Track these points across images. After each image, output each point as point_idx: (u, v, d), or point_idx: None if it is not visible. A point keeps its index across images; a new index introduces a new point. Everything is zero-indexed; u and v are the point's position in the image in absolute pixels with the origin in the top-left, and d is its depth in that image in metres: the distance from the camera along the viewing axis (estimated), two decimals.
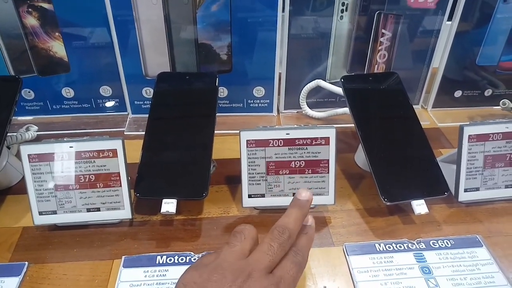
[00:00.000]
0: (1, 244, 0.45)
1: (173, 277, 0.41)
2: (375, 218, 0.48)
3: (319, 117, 0.64)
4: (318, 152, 0.46)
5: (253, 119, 0.63)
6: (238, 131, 0.45)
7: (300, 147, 0.46)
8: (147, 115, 0.51)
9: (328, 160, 0.46)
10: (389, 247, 0.44)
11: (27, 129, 0.57)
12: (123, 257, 0.43)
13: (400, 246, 0.44)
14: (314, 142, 0.45)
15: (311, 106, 0.64)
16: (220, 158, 0.55)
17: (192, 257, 0.43)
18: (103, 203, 0.45)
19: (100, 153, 0.44)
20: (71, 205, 0.44)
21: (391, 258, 0.43)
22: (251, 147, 0.45)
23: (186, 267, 0.40)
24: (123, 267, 0.42)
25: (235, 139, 0.46)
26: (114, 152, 0.44)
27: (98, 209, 0.45)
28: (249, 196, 0.46)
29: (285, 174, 0.46)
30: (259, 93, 0.62)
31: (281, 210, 0.44)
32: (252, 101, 0.63)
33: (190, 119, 0.51)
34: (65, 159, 0.43)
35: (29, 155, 0.43)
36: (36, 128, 0.58)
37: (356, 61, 0.62)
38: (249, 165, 0.46)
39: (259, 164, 0.46)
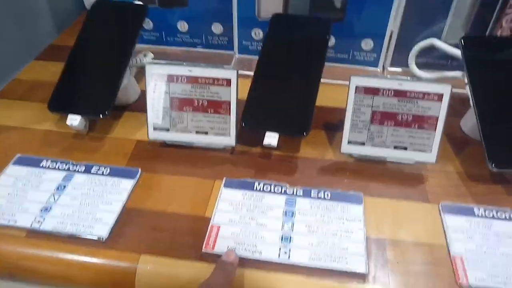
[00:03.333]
0: (118, 152, 0.50)
1: (268, 203, 0.43)
2: (476, 184, 0.46)
3: (426, 78, 0.61)
4: (429, 108, 0.45)
5: (356, 72, 0.62)
6: (340, 81, 0.45)
7: (411, 100, 0.45)
8: (253, 56, 0.53)
9: (438, 117, 0.45)
10: (489, 214, 0.42)
11: (145, 55, 0.61)
12: (224, 178, 0.46)
13: (502, 215, 0.42)
14: (426, 97, 0.44)
15: (418, 66, 0.62)
16: (319, 105, 0.55)
17: (287, 189, 0.45)
18: (211, 128, 0.48)
19: (215, 81, 0.46)
20: (183, 126, 0.48)
21: (490, 224, 0.41)
22: (360, 93, 0.45)
23: (282, 197, 0.42)
24: (224, 186, 0.45)
25: (337, 88, 0.46)
26: (228, 82, 0.46)
27: (206, 133, 0.48)
28: (349, 142, 0.47)
29: (390, 125, 0.46)
30: (367, 46, 0.61)
31: (378, 162, 0.44)
32: (358, 54, 0.62)
33: (300, 61, 0.52)
34: (183, 82, 0.47)
35: (153, 75, 0.47)
36: (152, 55, 0.62)
37: (478, 24, 0.58)
38: (354, 112, 0.46)
39: (364, 112, 0.46)
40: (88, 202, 0.43)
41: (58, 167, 0.47)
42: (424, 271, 0.38)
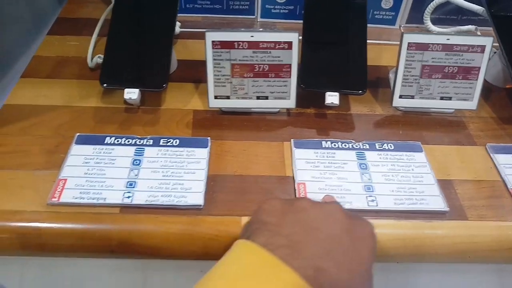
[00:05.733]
0: (179, 121, 0.50)
1: (341, 158, 0.46)
2: (510, 126, 0.52)
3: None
4: (472, 59, 0.49)
5: (376, 31, 0.65)
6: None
7: (456, 53, 0.49)
8: (276, 20, 0.54)
9: (480, 68, 0.49)
10: None
11: None
12: (291, 139, 0.48)
13: None
14: (470, 50, 0.49)
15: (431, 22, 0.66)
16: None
17: (354, 144, 0.48)
18: (272, 92, 0.49)
19: (277, 45, 0.47)
20: (243, 92, 0.49)
21: None
22: (411, 49, 0.49)
23: (351, 152, 0.45)
24: (295, 147, 0.47)
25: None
26: (289, 44, 0.47)
27: (266, 98, 0.49)
28: (400, 96, 0.51)
29: (437, 78, 0.50)
30: (387, 5, 0.64)
31: (423, 113, 0.48)
32: (378, 12, 0.65)
33: (345, 23, 0.54)
34: (244, 47, 0.47)
35: (213, 42, 0.47)
36: (179, 24, 0.61)
37: None
38: (405, 68, 0.49)
39: (415, 67, 0.49)
40: (170, 173, 0.44)
41: (125, 142, 0.47)
42: (490, 204, 0.43)
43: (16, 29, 0.59)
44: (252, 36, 0.47)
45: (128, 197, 0.41)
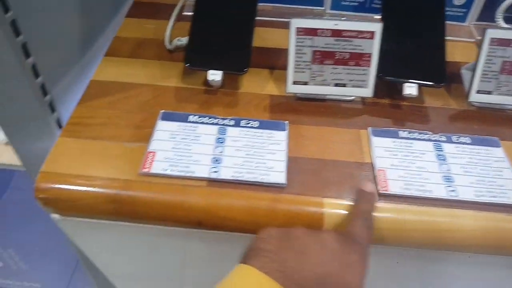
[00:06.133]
0: (257, 105, 0.51)
1: (418, 148, 0.47)
2: None
3: None
4: None
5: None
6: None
7: None
8: (344, 12, 0.57)
9: None
10: None
11: None
12: (368, 128, 0.49)
13: None
14: None
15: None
16: None
17: (431, 135, 0.48)
18: (350, 80, 0.50)
19: (359, 34, 0.48)
20: (322, 79, 0.50)
21: None
22: (493, 45, 0.49)
23: (428, 143, 0.46)
24: (372, 135, 0.48)
25: None
26: (372, 34, 0.48)
27: (344, 85, 0.50)
28: (478, 91, 0.51)
29: None
30: (459, 1, 0.64)
31: (500, 110, 0.48)
32: (449, 9, 0.65)
33: (424, 18, 0.54)
34: (327, 35, 0.48)
35: (297, 28, 0.48)
36: None
37: None
38: (486, 63, 0.49)
39: (495, 62, 0.49)
40: (253, 152, 0.45)
41: (207, 121, 0.48)
42: None
43: (98, 10, 0.62)
44: (336, 25, 0.48)
45: (215, 171, 0.43)
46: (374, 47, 0.49)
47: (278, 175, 0.43)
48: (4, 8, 0.40)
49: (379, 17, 0.57)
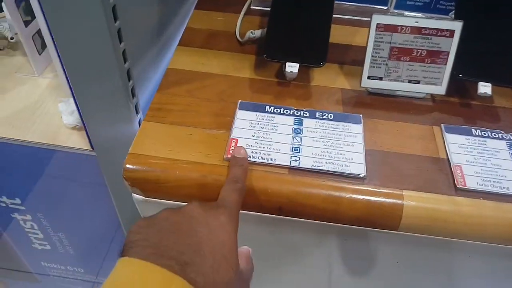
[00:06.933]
0: (329, 98, 0.53)
1: (492, 146, 0.48)
2: None
3: None
4: None
5: None
6: None
7: None
8: (407, 12, 0.59)
9: None
10: None
11: None
12: (442, 124, 0.50)
13: None
14: None
15: None
16: None
17: (504, 134, 0.49)
18: (425, 77, 0.51)
19: (439, 32, 0.49)
20: (397, 75, 0.51)
21: None
22: None
23: (501, 142, 0.46)
24: (446, 132, 0.49)
25: None
26: (451, 33, 0.49)
27: (418, 82, 0.51)
28: None
29: None
30: None
31: None
32: None
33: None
34: (406, 32, 0.49)
35: (377, 24, 0.49)
36: None
37: None
38: None
39: None
40: (330, 143, 0.47)
41: (283, 112, 0.50)
42: None
43: (170, 2, 0.64)
44: (416, 22, 0.49)
45: (295, 160, 0.45)
46: (452, 46, 0.49)
47: (358, 167, 0.44)
48: None
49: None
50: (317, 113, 0.50)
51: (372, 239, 0.47)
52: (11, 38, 0.70)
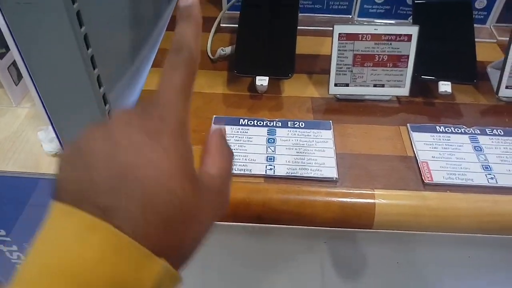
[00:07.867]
0: (300, 107, 0.55)
1: (455, 141, 0.50)
2: None
3: None
4: None
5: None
6: None
7: None
8: (370, 19, 0.62)
9: None
10: None
11: None
12: (407, 124, 0.52)
13: None
14: None
15: None
16: None
17: (466, 129, 0.52)
18: (388, 81, 0.54)
19: (398, 37, 0.52)
20: (362, 80, 0.54)
21: None
22: None
23: (464, 136, 0.49)
24: (412, 131, 0.51)
25: None
26: (409, 37, 0.52)
27: (383, 85, 0.54)
28: (507, 87, 0.54)
29: None
30: (480, 5, 0.68)
31: None
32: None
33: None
34: (367, 39, 0.52)
35: (339, 34, 0.52)
36: None
37: None
38: None
39: None
40: (303, 150, 0.49)
41: (257, 124, 0.52)
42: None
43: (142, 25, 0.66)
44: (375, 29, 0.52)
45: (271, 169, 0.47)
46: (411, 49, 0.52)
47: (330, 170, 0.47)
48: (79, 22, 0.44)
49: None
50: (289, 122, 0.52)
51: (351, 239, 0.49)
52: None
